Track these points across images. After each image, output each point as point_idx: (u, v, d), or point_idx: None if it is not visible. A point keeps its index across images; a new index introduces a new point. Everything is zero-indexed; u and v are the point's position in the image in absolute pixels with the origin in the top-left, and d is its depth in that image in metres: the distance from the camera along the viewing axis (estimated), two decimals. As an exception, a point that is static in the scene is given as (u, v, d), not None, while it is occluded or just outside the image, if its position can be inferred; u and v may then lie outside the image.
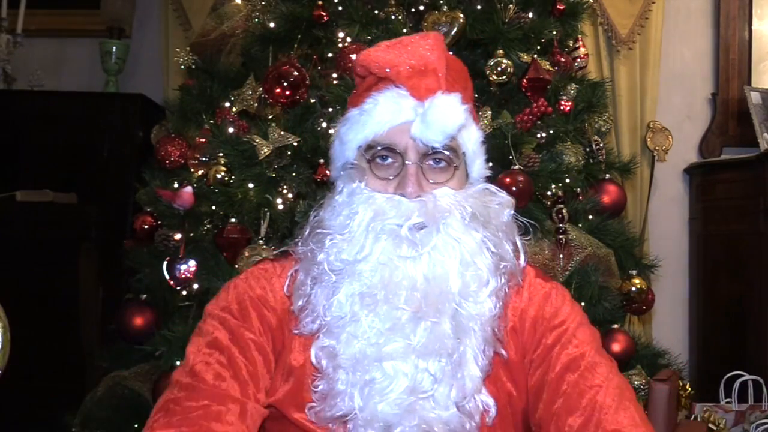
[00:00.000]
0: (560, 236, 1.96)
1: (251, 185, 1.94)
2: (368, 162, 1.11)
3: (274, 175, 1.95)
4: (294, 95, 1.97)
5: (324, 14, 2.04)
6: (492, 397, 1.07)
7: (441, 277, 1.03)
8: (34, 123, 3.10)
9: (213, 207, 1.98)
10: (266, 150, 1.91)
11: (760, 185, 3.04)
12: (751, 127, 3.24)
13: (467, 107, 1.09)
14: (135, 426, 1.93)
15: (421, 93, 1.08)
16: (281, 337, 1.11)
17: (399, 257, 1.03)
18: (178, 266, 1.93)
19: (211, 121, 2.09)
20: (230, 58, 2.30)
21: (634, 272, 2.11)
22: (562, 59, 2.12)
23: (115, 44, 3.38)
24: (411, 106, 1.08)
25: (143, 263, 2.11)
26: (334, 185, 1.16)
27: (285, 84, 1.96)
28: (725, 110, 3.46)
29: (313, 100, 2.01)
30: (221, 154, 1.97)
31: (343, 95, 1.88)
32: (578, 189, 2.07)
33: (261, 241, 1.90)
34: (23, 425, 2.48)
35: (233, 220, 1.92)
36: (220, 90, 2.18)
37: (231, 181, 1.94)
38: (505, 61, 1.98)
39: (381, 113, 1.10)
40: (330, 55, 2.06)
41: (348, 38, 2.01)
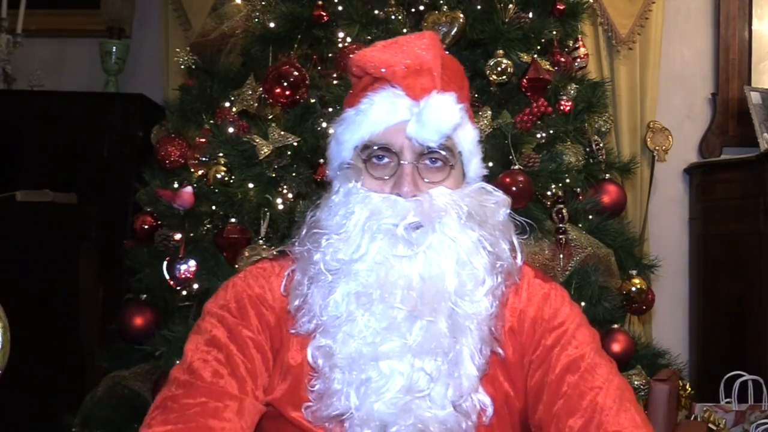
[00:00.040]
0: (560, 236, 1.96)
1: (251, 185, 1.94)
2: (364, 162, 1.10)
3: (274, 175, 1.95)
4: (294, 95, 1.97)
5: (324, 14, 2.04)
6: (489, 397, 1.07)
7: (437, 277, 1.03)
8: (34, 123, 3.10)
9: (213, 207, 1.98)
10: (266, 150, 1.91)
11: (760, 185, 3.04)
12: (751, 127, 3.24)
13: (462, 106, 1.09)
14: (135, 426, 1.92)
15: (417, 92, 1.08)
16: (279, 336, 1.11)
17: (395, 256, 1.03)
18: (178, 266, 1.94)
19: (211, 121, 2.09)
20: (230, 58, 2.30)
21: (634, 272, 2.11)
22: (562, 59, 2.12)
23: (115, 44, 3.38)
24: (406, 106, 1.08)
25: (143, 263, 2.11)
26: (331, 185, 1.15)
27: (285, 84, 1.96)
28: (725, 110, 3.45)
29: (313, 100, 2.01)
30: (221, 154, 1.97)
31: (343, 95, 1.87)
32: (578, 189, 2.07)
33: (261, 241, 1.90)
34: (23, 425, 2.48)
35: (233, 220, 1.92)
36: (220, 90, 2.18)
37: (231, 181, 1.94)
38: (505, 61, 1.98)
39: (377, 113, 1.09)
40: (330, 55, 2.06)
41: (348, 38, 2.01)
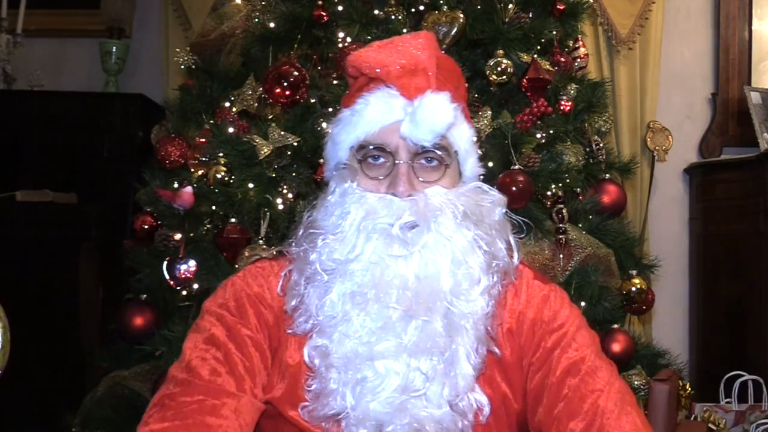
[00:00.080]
0: (560, 236, 1.96)
1: (251, 185, 1.94)
2: (360, 162, 1.11)
3: (274, 175, 1.95)
4: (294, 95, 1.97)
5: (324, 14, 2.04)
6: (487, 397, 1.07)
7: (432, 276, 1.03)
8: (34, 123, 3.10)
9: (213, 207, 1.98)
10: (266, 150, 1.91)
11: (760, 185, 3.04)
12: (751, 127, 3.24)
13: (456, 105, 1.09)
14: (135, 426, 1.91)
15: (411, 92, 1.08)
16: (277, 335, 1.11)
17: (390, 256, 1.03)
18: (178, 266, 1.94)
19: (211, 121, 2.09)
20: (230, 58, 2.30)
21: (634, 272, 2.11)
22: (562, 59, 2.12)
23: (115, 44, 3.38)
24: (401, 106, 1.08)
25: (143, 263, 2.11)
26: (327, 186, 1.16)
27: (285, 84, 1.96)
28: (725, 110, 3.46)
29: (313, 100, 2.00)
30: (221, 154, 1.97)
31: (343, 95, 1.87)
32: (578, 189, 2.07)
33: (261, 241, 1.90)
34: (23, 425, 2.48)
35: (233, 220, 1.92)
36: (220, 90, 2.18)
37: (231, 181, 1.94)
38: (505, 61, 1.98)
39: (372, 113, 1.10)
40: (330, 55, 2.06)
41: (348, 38, 2.00)
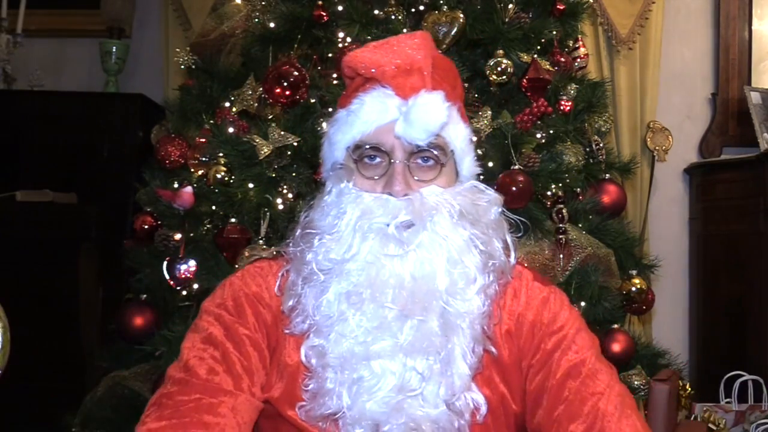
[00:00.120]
0: (560, 236, 1.96)
1: (251, 185, 1.94)
2: (356, 162, 1.11)
3: (274, 175, 1.95)
4: (294, 95, 1.97)
5: (324, 14, 2.04)
6: (485, 398, 1.07)
7: (428, 276, 1.03)
8: (34, 123, 3.10)
9: (213, 207, 1.98)
10: (266, 150, 1.91)
11: (760, 185, 3.04)
12: (751, 127, 3.24)
13: (451, 105, 1.09)
14: (135, 426, 1.92)
15: (406, 92, 1.08)
16: (276, 334, 1.11)
17: (386, 256, 1.03)
18: (178, 266, 1.94)
19: (211, 121, 2.09)
20: (230, 58, 2.30)
21: (634, 272, 2.11)
22: (562, 59, 2.12)
23: (115, 44, 3.38)
24: (396, 105, 1.08)
25: (143, 263, 2.11)
26: (324, 186, 1.16)
27: (285, 84, 1.96)
28: (725, 110, 3.46)
29: (313, 100, 2.00)
30: (221, 154, 1.97)
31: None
32: (578, 189, 2.07)
33: (261, 241, 1.90)
34: (23, 425, 2.48)
35: (233, 220, 1.92)
36: (220, 90, 2.18)
37: (231, 181, 1.94)
38: (505, 61, 1.98)
39: (367, 113, 1.10)
40: (330, 55, 2.06)
41: (348, 38, 2.00)
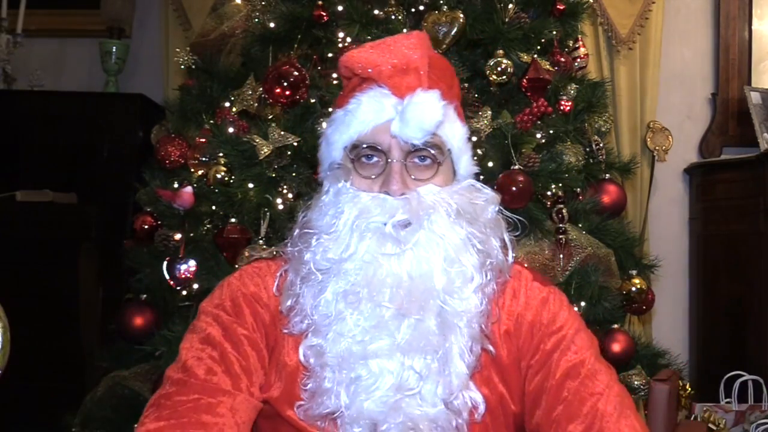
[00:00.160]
0: (560, 236, 1.96)
1: (251, 185, 1.94)
2: (353, 161, 1.11)
3: (274, 175, 1.95)
4: (294, 95, 1.97)
5: (324, 14, 2.04)
6: (484, 398, 1.07)
7: (425, 274, 1.03)
8: (34, 123, 3.10)
9: (213, 207, 1.98)
10: (266, 150, 1.91)
11: (760, 185, 3.04)
12: (751, 127, 3.24)
13: (447, 104, 1.09)
14: (135, 426, 1.92)
15: (402, 91, 1.08)
16: (274, 334, 1.12)
17: (383, 255, 1.03)
18: (178, 266, 1.94)
19: (211, 121, 2.09)
20: (230, 58, 2.30)
21: (634, 272, 2.11)
22: (562, 59, 2.12)
23: (115, 44, 3.38)
24: (392, 104, 1.08)
25: (143, 263, 2.11)
26: (322, 186, 1.16)
27: (285, 84, 1.96)
28: (725, 110, 3.45)
29: (313, 100, 2.00)
30: (221, 154, 1.97)
31: (342, 95, 1.88)
32: (578, 189, 2.07)
33: (261, 241, 1.90)
34: (23, 425, 2.48)
35: (233, 220, 1.92)
36: (220, 90, 2.18)
37: (231, 181, 1.94)
38: (505, 61, 1.98)
39: (364, 113, 1.10)
40: (330, 55, 2.06)
41: (348, 38, 2.00)
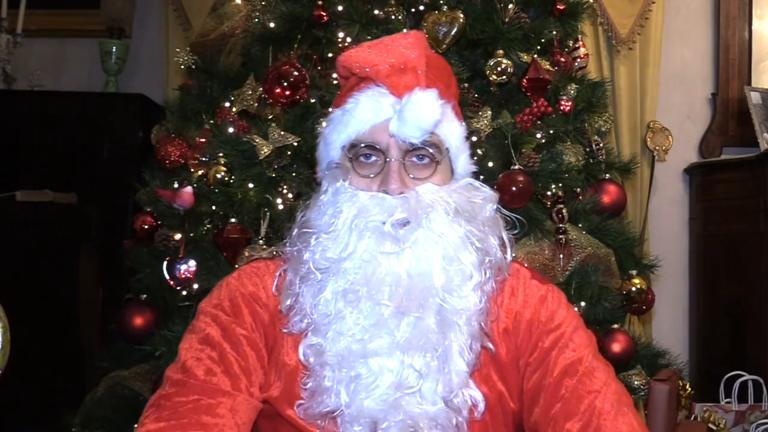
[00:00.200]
0: (560, 236, 1.96)
1: (251, 185, 1.94)
2: (351, 161, 1.11)
3: (274, 175, 1.95)
4: (294, 95, 1.97)
5: (324, 14, 2.03)
6: (483, 396, 1.08)
7: (424, 273, 1.04)
8: (34, 123, 3.10)
9: (213, 207, 1.98)
10: (266, 150, 1.91)
11: (760, 185, 3.04)
12: (751, 127, 3.24)
13: (445, 103, 1.10)
14: (135, 426, 1.92)
15: (400, 90, 1.08)
16: (273, 334, 1.12)
17: (382, 253, 1.04)
18: (178, 266, 1.94)
19: (211, 121, 2.09)
20: (230, 58, 2.30)
21: (634, 272, 2.11)
22: (562, 59, 2.12)
23: (115, 44, 3.38)
24: (390, 104, 1.09)
25: (143, 263, 2.11)
26: (320, 185, 1.16)
27: (285, 84, 1.96)
28: (725, 110, 3.46)
29: (313, 100, 2.00)
30: (221, 154, 1.97)
31: (342, 95, 1.88)
32: (578, 189, 2.07)
33: (261, 241, 1.90)
34: (23, 425, 2.48)
35: (233, 220, 1.92)
36: (220, 90, 2.18)
37: (231, 181, 1.94)
38: (505, 61, 1.98)
39: (362, 112, 1.11)
40: (330, 55, 2.06)
41: (348, 38, 2.00)
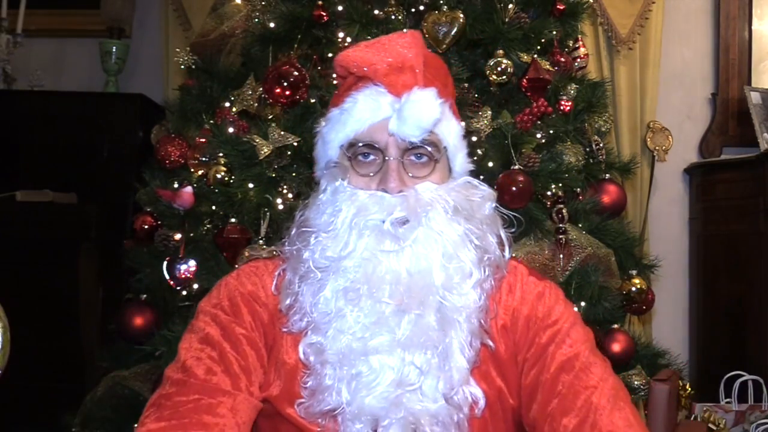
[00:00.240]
0: (560, 236, 1.96)
1: (251, 185, 1.94)
2: (350, 160, 1.12)
3: (274, 175, 1.95)
4: (294, 95, 1.97)
5: (324, 14, 2.03)
6: (483, 392, 1.08)
7: (424, 271, 1.04)
8: (34, 123, 3.10)
9: (213, 207, 1.98)
10: (266, 150, 1.91)
11: (760, 185, 3.04)
12: (751, 127, 3.24)
13: (443, 101, 1.10)
14: (135, 426, 1.92)
15: (399, 89, 1.09)
16: (273, 333, 1.12)
17: (382, 252, 1.04)
18: (178, 266, 1.94)
19: (211, 121, 2.09)
20: (230, 58, 2.30)
21: (634, 272, 2.11)
22: (562, 59, 2.12)
23: (115, 44, 3.38)
24: (389, 103, 1.09)
25: (143, 263, 2.11)
26: (318, 185, 1.17)
27: (285, 84, 1.96)
28: (725, 110, 3.46)
29: (313, 100, 2.00)
30: (221, 154, 1.97)
31: (341, 95, 1.88)
32: (578, 189, 2.07)
33: (261, 241, 1.90)
34: (23, 425, 2.48)
35: (233, 220, 1.92)
36: (220, 90, 2.18)
37: (231, 181, 1.94)
38: (505, 61, 1.98)
39: (361, 111, 1.11)
40: (330, 55, 2.05)
41: (348, 38, 2.00)
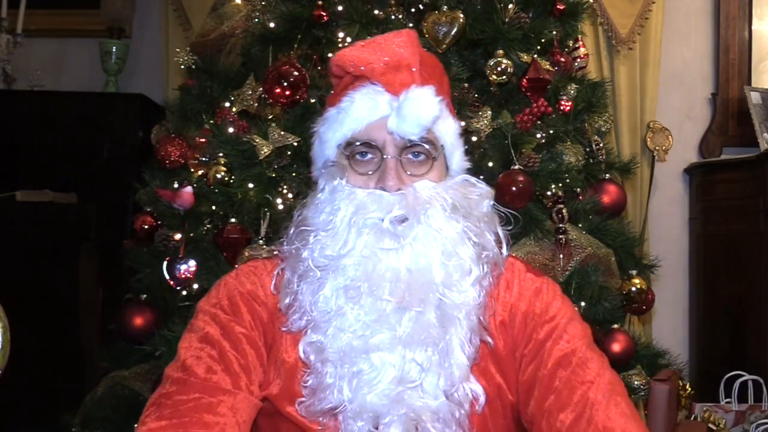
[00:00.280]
0: (560, 236, 1.96)
1: (251, 185, 1.94)
2: (348, 159, 1.12)
3: (274, 175, 1.95)
4: (294, 95, 1.97)
5: (324, 14, 2.04)
6: (482, 389, 1.08)
7: (424, 268, 1.04)
8: (34, 123, 3.10)
9: (213, 207, 1.98)
10: (266, 150, 1.91)
11: (760, 185, 3.04)
12: (751, 127, 3.24)
13: (441, 99, 1.11)
14: (135, 426, 1.92)
15: (396, 88, 1.09)
16: (272, 332, 1.12)
17: (381, 250, 1.04)
18: (178, 266, 1.94)
19: (211, 121, 2.09)
20: (230, 58, 2.30)
21: (634, 272, 2.11)
22: (562, 59, 2.12)
23: (115, 44, 3.38)
24: (386, 101, 1.10)
25: (143, 263, 2.11)
26: (316, 184, 1.17)
27: (285, 84, 1.96)
28: (725, 110, 3.46)
29: (313, 100, 2.00)
30: (221, 154, 1.97)
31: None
32: (578, 189, 2.07)
33: (261, 241, 1.90)
34: (23, 425, 2.48)
35: (233, 220, 1.92)
36: (220, 90, 2.18)
37: (231, 181, 1.94)
38: (505, 61, 1.98)
39: (358, 110, 1.11)
40: (330, 55, 2.05)
41: (348, 38, 2.00)
